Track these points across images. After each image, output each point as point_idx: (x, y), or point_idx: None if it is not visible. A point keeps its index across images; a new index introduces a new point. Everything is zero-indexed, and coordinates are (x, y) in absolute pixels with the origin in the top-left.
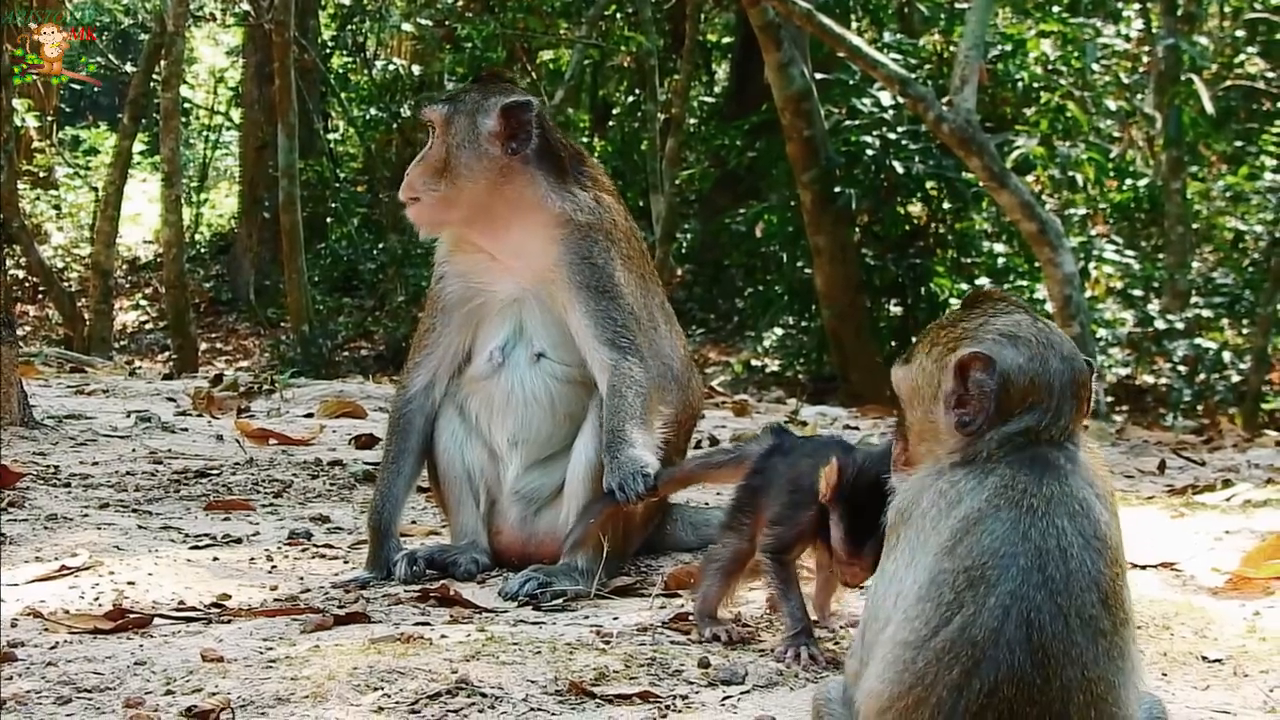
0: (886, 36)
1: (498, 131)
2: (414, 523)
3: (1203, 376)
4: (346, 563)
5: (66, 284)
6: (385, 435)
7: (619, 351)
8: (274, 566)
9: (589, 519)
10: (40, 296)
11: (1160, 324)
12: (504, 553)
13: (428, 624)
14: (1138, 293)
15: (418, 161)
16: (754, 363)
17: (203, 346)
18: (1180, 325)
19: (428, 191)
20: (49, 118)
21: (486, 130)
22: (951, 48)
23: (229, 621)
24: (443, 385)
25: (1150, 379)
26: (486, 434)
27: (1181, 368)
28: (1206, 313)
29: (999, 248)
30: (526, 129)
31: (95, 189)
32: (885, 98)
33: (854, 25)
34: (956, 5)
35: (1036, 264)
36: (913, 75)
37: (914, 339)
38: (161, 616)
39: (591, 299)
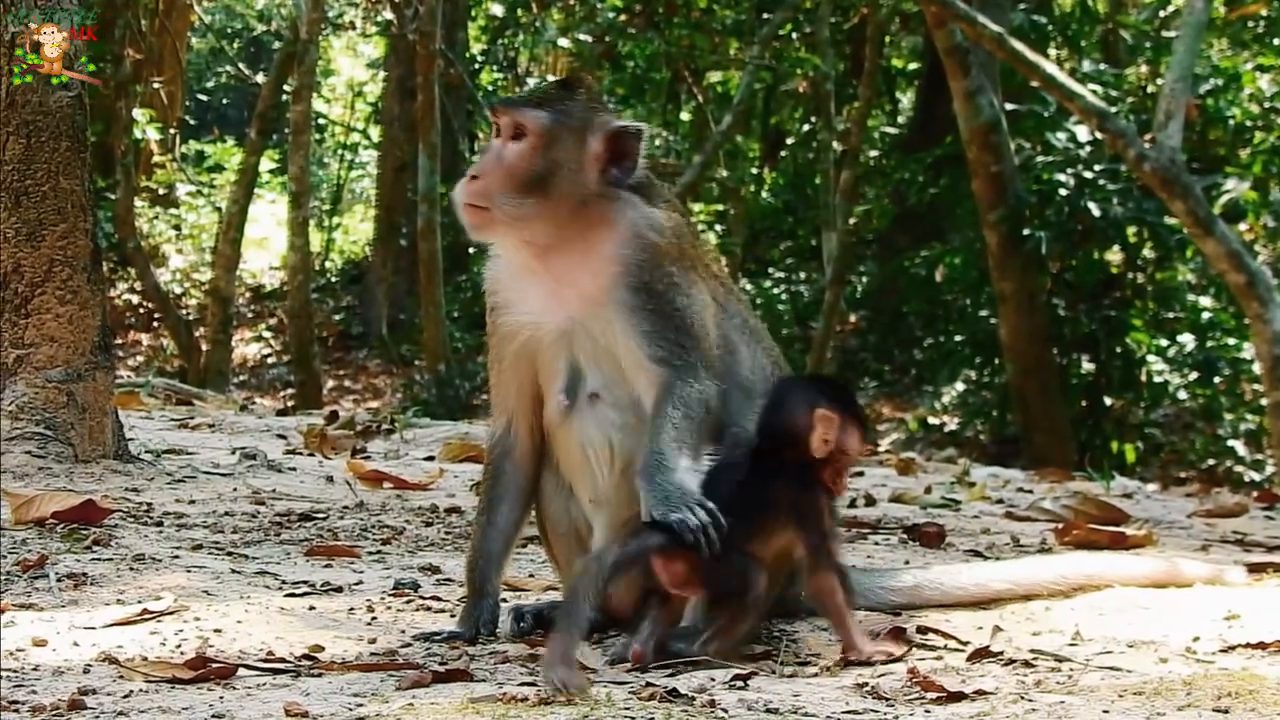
0: (1086, 65)
1: (600, 155)
2: (531, 576)
3: None
4: (453, 616)
5: (184, 311)
6: (479, 486)
7: (671, 369)
8: (374, 618)
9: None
10: (155, 324)
11: None
12: (617, 611)
13: (533, 684)
14: None
15: (491, 164)
16: (931, 420)
17: (329, 384)
18: None
19: (508, 205)
20: (172, 130)
21: (592, 153)
22: (1158, 80)
23: (319, 675)
24: (521, 424)
25: None
26: (578, 491)
27: None
28: None
29: (1204, 301)
30: (633, 159)
31: (218, 209)
32: (1082, 132)
33: (1051, 52)
34: (1164, 34)
35: (1245, 320)
36: (1113, 109)
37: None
38: (246, 667)
39: (644, 320)
